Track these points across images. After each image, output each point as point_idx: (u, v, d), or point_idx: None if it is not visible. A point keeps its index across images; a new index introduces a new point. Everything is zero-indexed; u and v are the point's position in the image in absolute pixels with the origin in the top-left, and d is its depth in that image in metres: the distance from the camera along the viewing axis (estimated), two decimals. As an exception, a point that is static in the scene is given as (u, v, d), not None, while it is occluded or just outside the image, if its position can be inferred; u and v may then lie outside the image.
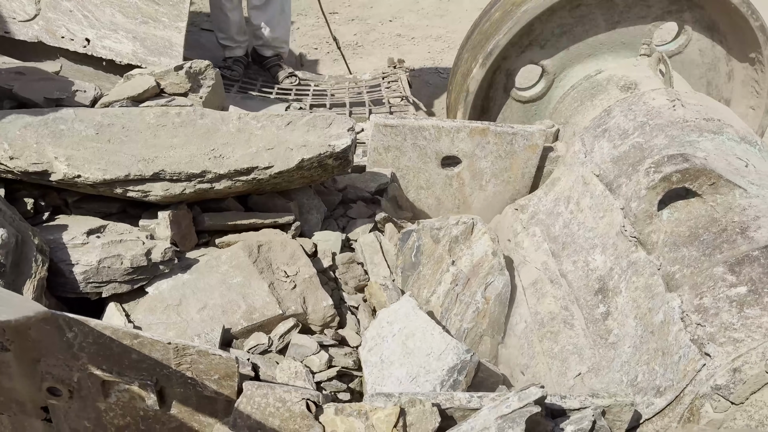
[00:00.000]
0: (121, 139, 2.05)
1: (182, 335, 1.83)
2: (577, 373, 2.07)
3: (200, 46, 5.13)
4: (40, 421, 1.71)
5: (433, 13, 7.12)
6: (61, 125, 2.05)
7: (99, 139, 2.04)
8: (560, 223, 2.53)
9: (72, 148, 1.98)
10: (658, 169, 2.08)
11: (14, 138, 1.95)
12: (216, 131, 2.15)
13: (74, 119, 2.07)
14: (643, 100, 2.62)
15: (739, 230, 1.94)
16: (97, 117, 2.09)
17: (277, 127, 2.21)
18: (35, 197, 2.05)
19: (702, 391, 1.65)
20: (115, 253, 1.88)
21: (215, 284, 1.98)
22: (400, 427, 1.45)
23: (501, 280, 2.35)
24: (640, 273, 2.07)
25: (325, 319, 2.04)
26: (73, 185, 1.98)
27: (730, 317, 1.72)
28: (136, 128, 2.10)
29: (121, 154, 2.00)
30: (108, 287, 1.89)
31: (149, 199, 2.02)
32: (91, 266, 1.85)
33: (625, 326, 2.01)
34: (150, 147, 2.05)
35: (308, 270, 2.10)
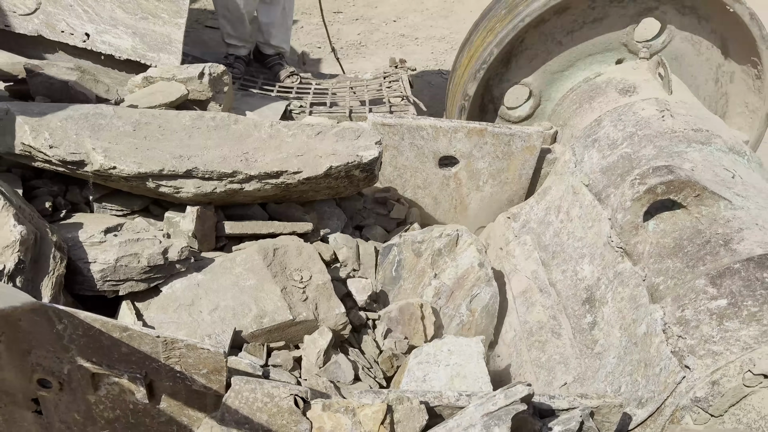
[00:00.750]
0: (157, 137, 2.10)
1: (192, 335, 1.83)
2: (563, 383, 2.08)
3: (203, 43, 5.16)
4: (31, 413, 1.72)
5: (438, 14, 7.13)
6: (101, 120, 2.09)
7: (136, 135, 2.08)
8: (551, 232, 2.54)
9: (110, 142, 2.02)
10: (643, 181, 2.09)
11: (55, 128, 1.99)
12: (248, 136, 2.20)
13: (113, 115, 2.11)
14: (632, 110, 2.63)
15: (723, 242, 1.94)
16: (135, 115, 2.13)
17: (307, 135, 2.27)
18: (54, 194, 2.06)
19: (682, 403, 1.65)
20: (133, 252, 1.88)
21: (228, 286, 1.97)
22: (387, 424, 1.45)
23: (488, 291, 2.36)
24: (625, 284, 2.07)
25: (337, 326, 2.02)
26: (107, 177, 2.01)
27: (709, 330, 1.72)
28: (172, 128, 2.15)
29: (156, 150, 2.04)
30: (125, 286, 1.89)
31: (180, 195, 2.05)
32: (109, 265, 1.86)
33: (610, 336, 2.02)
34: (185, 146, 2.09)
35: (322, 276, 2.09)
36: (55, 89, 2.37)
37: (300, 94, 4.08)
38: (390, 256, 2.37)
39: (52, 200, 2.04)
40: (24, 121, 1.99)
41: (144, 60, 2.90)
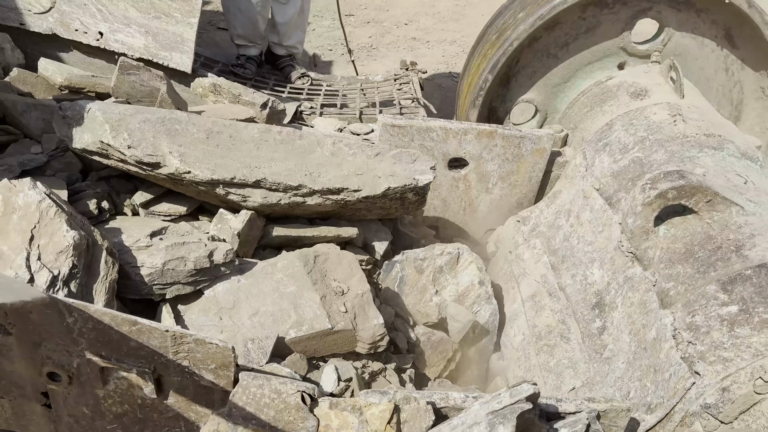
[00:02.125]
0: (228, 147, 2.16)
1: (232, 339, 1.84)
2: (572, 387, 2.07)
3: (215, 44, 5.18)
4: (40, 406, 1.73)
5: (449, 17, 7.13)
6: (176, 125, 2.14)
7: (209, 143, 2.14)
8: (560, 236, 2.53)
9: (185, 147, 2.08)
10: (654, 186, 2.08)
11: (134, 129, 2.04)
12: (312, 152, 2.27)
13: (188, 122, 2.17)
14: (644, 115, 2.62)
15: (734, 248, 1.93)
16: (207, 123, 2.20)
17: (366, 155, 2.34)
18: (99, 198, 2.08)
19: (692, 409, 1.64)
20: (179, 255, 1.90)
21: (269, 291, 1.98)
22: (394, 424, 1.45)
23: (488, 309, 2.38)
24: (635, 289, 2.06)
25: (375, 338, 2.01)
26: (179, 180, 2.06)
27: (720, 336, 1.71)
28: (241, 139, 2.21)
29: (227, 159, 2.11)
30: (172, 289, 1.91)
31: (247, 203, 2.12)
32: (156, 268, 1.87)
33: (619, 342, 2.01)
34: (253, 157, 2.16)
35: (362, 286, 2.09)
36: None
37: (311, 96, 4.09)
38: (393, 272, 2.39)
39: (97, 203, 2.06)
40: (105, 119, 2.03)
41: (156, 59, 2.92)
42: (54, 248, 1.69)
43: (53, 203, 1.73)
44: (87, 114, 2.05)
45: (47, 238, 1.70)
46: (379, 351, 2.02)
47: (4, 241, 1.69)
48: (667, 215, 2.13)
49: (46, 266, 1.66)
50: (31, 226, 1.70)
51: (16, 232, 1.70)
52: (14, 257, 1.66)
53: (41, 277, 1.65)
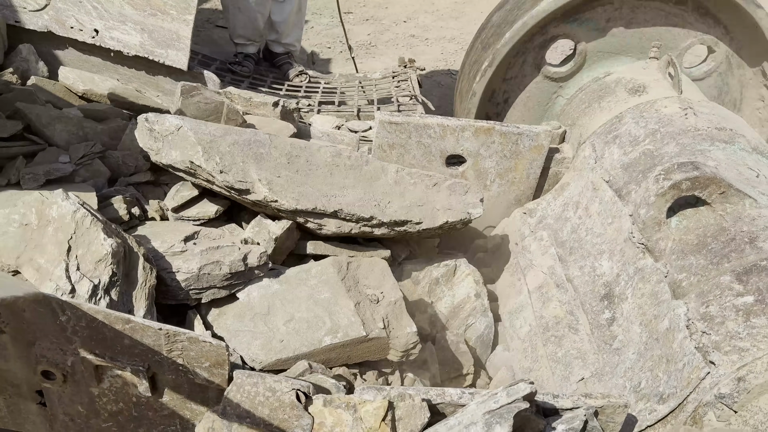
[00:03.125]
0: (306, 172, 2.21)
1: (267, 345, 1.84)
2: (581, 377, 2.06)
3: (213, 42, 5.17)
4: (36, 404, 1.73)
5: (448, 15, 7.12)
6: (261, 149, 2.17)
7: (290, 168, 2.18)
8: (568, 228, 2.52)
9: (270, 173, 2.12)
10: (668, 177, 2.07)
11: (224, 153, 2.07)
12: (377, 179, 2.33)
13: (270, 144, 2.20)
14: (654, 108, 2.61)
15: (748, 240, 1.92)
16: (287, 147, 2.23)
17: (425, 185, 2.41)
18: (130, 204, 2.09)
19: (706, 399, 1.63)
20: (214, 260, 1.90)
21: (303, 297, 1.98)
22: (389, 421, 1.44)
23: (483, 321, 2.38)
24: (646, 280, 2.05)
25: (408, 345, 2.00)
26: (264, 207, 2.11)
27: (735, 326, 1.70)
28: (316, 163, 2.26)
29: (306, 186, 2.17)
30: (207, 293, 1.91)
31: (322, 232, 2.18)
32: (192, 273, 1.87)
33: (629, 332, 2.00)
34: (328, 184, 2.22)
35: (395, 293, 2.08)
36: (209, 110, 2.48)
37: (309, 93, 4.08)
38: None
39: (127, 209, 2.07)
40: (197, 141, 2.05)
41: (152, 56, 2.91)
42: (92, 258, 1.69)
43: (88, 212, 1.73)
44: (178, 132, 2.06)
45: (85, 248, 1.70)
46: (411, 359, 2.02)
47: (41, 255, 1.69)
48: (680, 207, 2.12)
49: (86, 276, 1.66)
50: (67, 237, 1.70)
51: (53, 245, 1.69)
52: (52, 269, 1.65)
53: (82, 287, 1.65)
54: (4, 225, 1.74)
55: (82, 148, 2.15)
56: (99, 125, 2.29)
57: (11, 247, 1.70)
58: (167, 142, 2.09)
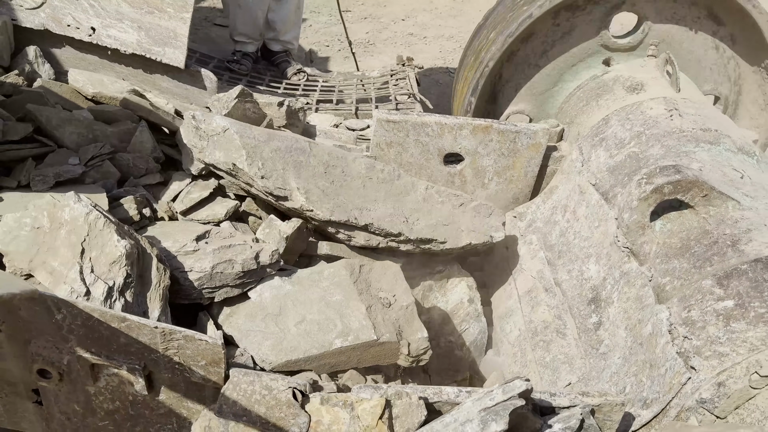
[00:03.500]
0: (341, 183, 2.26)
1: (278, 346, 1.83)
2: (568, 382, 2.07)
3: (211, 40, 5.17)
4: (32, 403, 1.72)
5: (447, 13, 7.11)
6: (300, 156, 2.20)
7: (326, 177, 2.23)
8: (557, 231, 2.52)
9: (308, 182, 2.17)
10: (650, 181, 2.06)
11: (266, 159, 2.11)
12: (407, 194, 2.38)
13: (309, 153, 2.24)
14: (640, 110, 2.61)
15: (730, 243, 1.92)
16: (324, 156, 2.27)
17: (452, 205, 2.47)
18: (139, 204, 2.08)
19: (687, 404, 1.63)
20: (227, 258, 1.90)
21: (315, 299, 1.97)
22: (386, 419, 1.44)
23: (476, 326, 2.39)
24: (631, 284, 2.05)
25: (418, 351, 1.99)
26: (299, 214, 2.15)
27: (716, 331, 1.70)
28: (351, 174, 2.30)
29: (341, 197, 2.22)
30: (220, 292, 1.91)
31: (352, 243, 2.23)
32: (205, 272, 1.87)
33: (615, 337, 2.00)
34: (361, 197, 2.28)
35: (407, 298, 2.08)
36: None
37: (306, 92, 4.07)
38: None
39: (138, 209, 2.06)
40: (242, 144, 2.08)
41: (149, 54, 2.90)
42: (106, 259, 1.69)
43: (101, 214, 1.72)
44: (224, 134, 2.11)
45: (98, 250, 1.70)
46: (420, 364, 2.01)
47: (54, 258, 1.68)
48: (663, 210, 2.12)
49: (100, 278, 1.66)
50: (80, 239, 1.69)
51: (66, 247, 1.69)
52: (66, 272, 1.65)
53: (97, 289, 1.64)
54: (16, 229, 1.73)
55: (91, 150, 2.15)
56: (109, 128, 2.29)
57: (23, 251, 1.69)
58: (212, 141, 2.12)
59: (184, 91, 3.10)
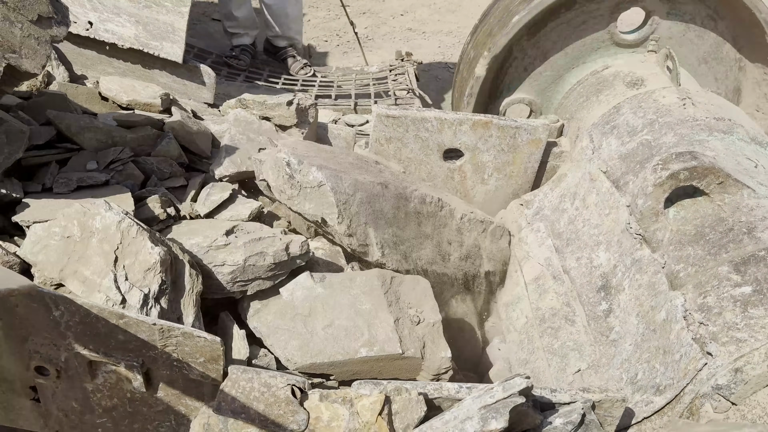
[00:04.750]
0: (403, 226, 2.29)
1: (304, 347, 1.82)
2: (577, 369, 2.06)
3: (209, 35, 5.14)
4: (29, 400, 1.71)
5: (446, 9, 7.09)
6: (377, 203, 2.20)
7: (394, 223, 2.25)
8: (565, 219, 2.50)
9: (383, 233, 2.19)
10: (666, 166, 2.05)
11: (353, 215, 2.11)
12: (445, 225, 2.43)
13: (383, 197, 2.23)
14: (653, 98, 2.59)
15: (746, 230, 1.91)
16: (392, 199, 2.28)
17: (477, 232, 2.53)
18: (164, 204, 2.08)
19: (703, 390, 1.62)
20: (258, 251, 1.90)
21: (345, 305, 1.96)
22: (385, 415, 1.44)
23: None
24: (644, 271, 2.04)
25: (440, 369, 1.98)
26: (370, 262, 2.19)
27: (733, 317, 1.69)
28: (408, 213, 2.33)
29: (405, 244, 2.27)
30: (253, 285, 1.91)
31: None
32: (238, 265, 1.87)
33: (626, 324, 1.99)
34: (415, 236, 2.34)
35: (434, 315, 2.06)
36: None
37: (305, 87, 4.06)
38: None
39: (163, 208, 2.05)
40: (335, 201, 2.06)
41: (147, 48, 2.89)
42: (140, 267, 1.68)
43: (133, 222, 1.72)
44: (319, 188, 2.06)
45: (132, 258, 1.69)
46: (440, 381, 2.01)
47: (86, 266, 1.67)
48: (677, 197, 2.11)
49: (135, 286, 1.65)
50: (113, 247, 1.68)
51: (98, 256, 1.67)
52: (99, 281, 1.64)
53: (133, 296, 1.63)
54: (45, 238, 1.71)
55: (110, 154, 2.14)
56: (129, 133, 2.27)
57: (54, 261, 1.68)
58: (305, 193, 2.08)
59: (182, 86, 3.09)
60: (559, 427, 1.51)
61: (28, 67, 1.74)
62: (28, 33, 1.72)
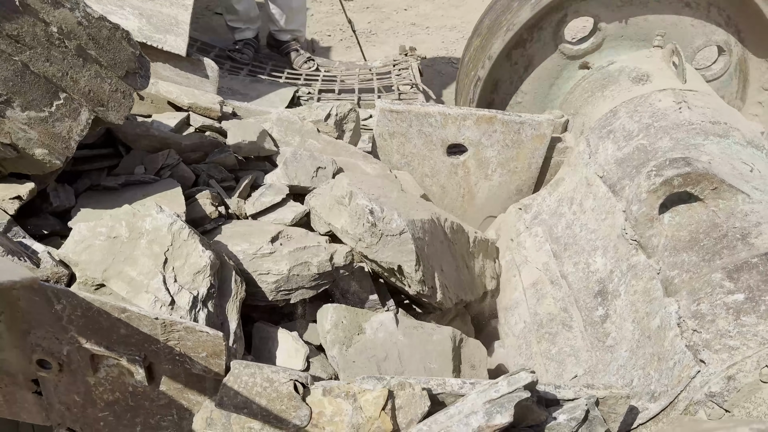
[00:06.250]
0: (456, 266, 2.28)
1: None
2: (574, 375, 2.06)
3: (212, 29, 5.13)
4: (31, 393, 1.71)
5: (449, 3, 7.07)
6: (436, 241, 2.17)
7: (451, 263, 2.23)
8: (563, 224, 2.50)
9: (444, 275, 2.14)
10: (660, 173, 2.04)
11: (426, 259, 2.03)
12: (464, 250, 2.41)
13: (444, 238, 2.21)
14: (649, 102, 2.58)
15: (740, 236, 1.90)
16: (449, 234, 2.26)
17: (483, 255, 2.55)
18: (214, 199, 2.08)
19: (696, 397, 1.62)
20: (303, 261, 1.89)
21: (416, 359, 1.93)
22: (389, 410, 1.43)
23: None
24: (639, 277, 2.04)
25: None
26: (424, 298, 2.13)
27: (726, 324, 1.69)
28: (461, 254, 2.34)
29: (457, 285, 2.25)
30: (296, 294, 1.90)
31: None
32: (282, 275, 1.86)
33: (622, 330, 1.99)
34: (464, 276, 2.33)
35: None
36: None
37: (309, 81, 4.05)
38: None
39: (214, 206, 2.06)
40: (415, 248, 1.97)
41: (150, 41, 2.88)
42: (190, 270, 1.68)
43: (185, 225, 1.72)
44: (400, 237, 1.97)
45: (182, 260, 1.69)
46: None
47: (133, 267, 1.66)
48: (672, 203, 2.10)
49: (184, 287, 1.65)
50: (163, 249, 1.68)
51: (147, 257, 1.67)
52: (147, 281, 1.63)
53: (182, 298, 1.63)
54: (89, 238, 1.69)
55: (159, 159, 2.14)
56: (183, 140, 2.27)
57: (97, 261, 1.66)
58: (384, 241, 1.99)
59: (186, 80, 3.08)
60: (563, 423, 1.50)
61: (113, 119, 1.87)
62: (116, 87, 1.85)
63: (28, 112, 1.69)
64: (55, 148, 1.75)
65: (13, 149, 1.69)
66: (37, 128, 1.71)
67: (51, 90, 1.73)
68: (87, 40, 1.78)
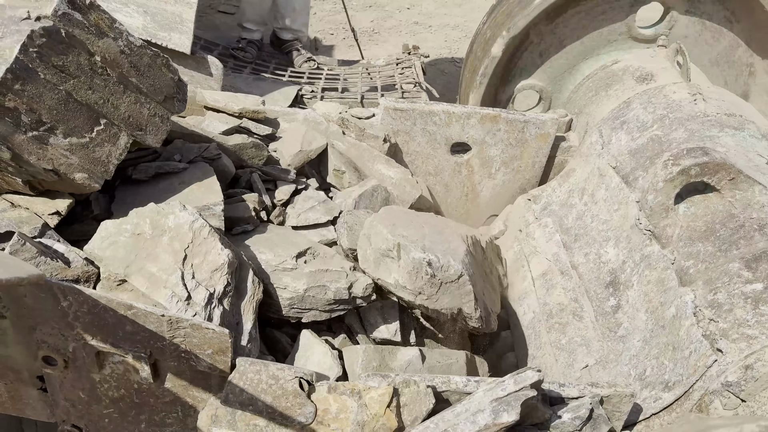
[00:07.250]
0: (488, 289, 2.24)
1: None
2: (585, 365, 2.05)
3: (215, 27, 5.13)
4: (36, 390, 1.71)
5: (452, 2, 7.06)
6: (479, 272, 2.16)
7: (479, 282, 2.18)
8: (573, 214, 2.49)
9: (483, 305, 2.08)
10: (677, 162, 2.04)
11: (478, 294, 2.02)
12: (483, 260, 2.36)
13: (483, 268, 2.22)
14: (663, 93, 2.57)
15: (757, 227, 1.89)
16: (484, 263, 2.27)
17: (492, 261, 2.50)
18: (259, 204, 2.10)
19: (712, 387, 1.61)
20: (321, 283, 1.89)
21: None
22: (394, 407, 1.43)
23: None
24: (653, 267, 2.03)
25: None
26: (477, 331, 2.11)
27: (744, 313, 1.68)
28: (492, 269, 2.35)
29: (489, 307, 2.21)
30: (309, 314, 1.91)
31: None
32: (298, 293, 1.87)
33: (635, 320, 1.98)
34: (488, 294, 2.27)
35: None
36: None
37: (312, 80, 4.05)
38: None
39: (256, 211, 2.08)
40: (474, 289, 1.98)
41: (155, 39, 2.88)
42: (208, 267, 1.70)
43: (206, 223, 1.74)
44: (458, 280, 1.94)
45: (201, 257, 1.70)
46: None
47: (154, 264, 1.68)
48: (688, 193, 2.09)
49: (201, 284, 1.67)
50: (184, 246, 1.70)
51: (167, 253, 1.69)
52: (166, 277, 1.65)
53: (198, 294, 1.65)
54: (115, 234, 1.72)
55: (195, 150, 2.15)
56: (229, 141, 2.29)
57: (121, 257, 1.69)
58: (443, 289, 1.95)
59: (190, 77, 3.08)
60: (567, 421, 1.50)
61: (150, 142, 1.93)
62: (155, 112, 1.90)
63: (70, 139, 1.72)
64: (95, 172, 1.79)
65: (55, 173, 1.72)
66: (78, 153, 1.74)
67: (92, 117, 1.76)
68: (129, 68, 1.83)
